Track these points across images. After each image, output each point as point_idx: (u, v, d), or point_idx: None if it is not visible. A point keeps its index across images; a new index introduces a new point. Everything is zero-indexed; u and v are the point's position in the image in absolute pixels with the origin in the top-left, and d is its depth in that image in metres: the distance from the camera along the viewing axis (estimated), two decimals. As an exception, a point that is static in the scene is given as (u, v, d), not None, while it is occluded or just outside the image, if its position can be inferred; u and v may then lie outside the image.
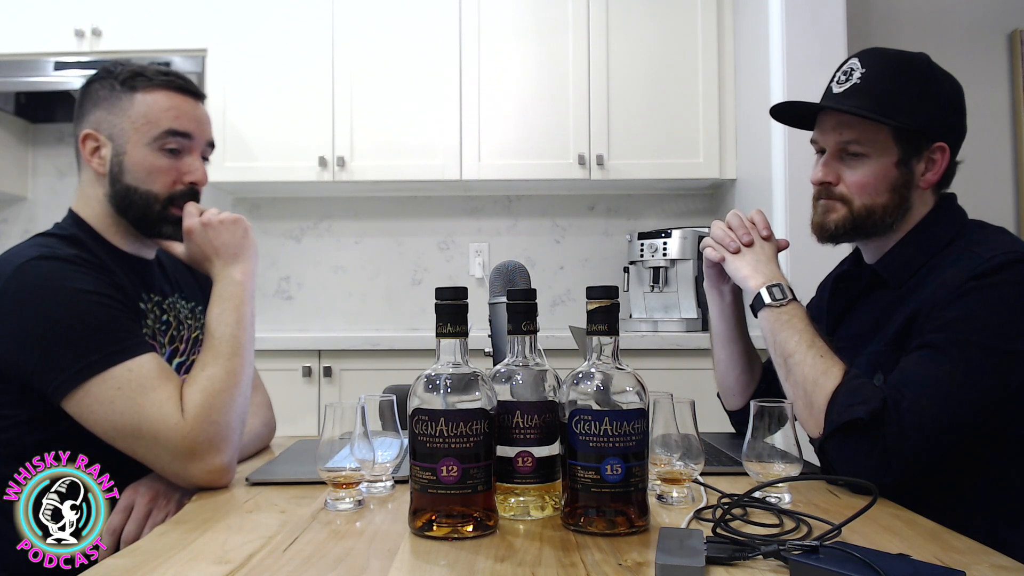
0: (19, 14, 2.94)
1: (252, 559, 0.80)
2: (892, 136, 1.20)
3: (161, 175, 1.25)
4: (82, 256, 1.17)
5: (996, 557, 0.80)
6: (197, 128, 1.28)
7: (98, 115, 1.25)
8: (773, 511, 0.93)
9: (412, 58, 2.96)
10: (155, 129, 1.23)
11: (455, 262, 3.31)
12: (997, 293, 1.08)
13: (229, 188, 3.18)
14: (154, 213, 1.26)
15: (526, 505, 0.93)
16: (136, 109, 1.23)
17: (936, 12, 3.03)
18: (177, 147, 1.25)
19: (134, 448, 1.08)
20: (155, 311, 1.31)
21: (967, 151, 1.26)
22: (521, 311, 0.94)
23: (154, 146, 1.24)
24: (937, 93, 1.22)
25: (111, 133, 1.24)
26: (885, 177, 1.21)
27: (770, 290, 1.20)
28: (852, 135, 1.21)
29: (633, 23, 2.96)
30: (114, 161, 1.24)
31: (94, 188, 1.26)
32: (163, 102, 1.24)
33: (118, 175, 1.24)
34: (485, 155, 2.95)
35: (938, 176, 1.22)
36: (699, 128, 2.95)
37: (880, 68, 1.21)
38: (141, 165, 1.23)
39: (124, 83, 1.24)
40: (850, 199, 1.22)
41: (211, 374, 1.12)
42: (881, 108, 1.18)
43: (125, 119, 1.23)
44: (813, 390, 1.11)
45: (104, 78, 1.26)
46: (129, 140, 1.23)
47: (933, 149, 1.21)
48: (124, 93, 1.24)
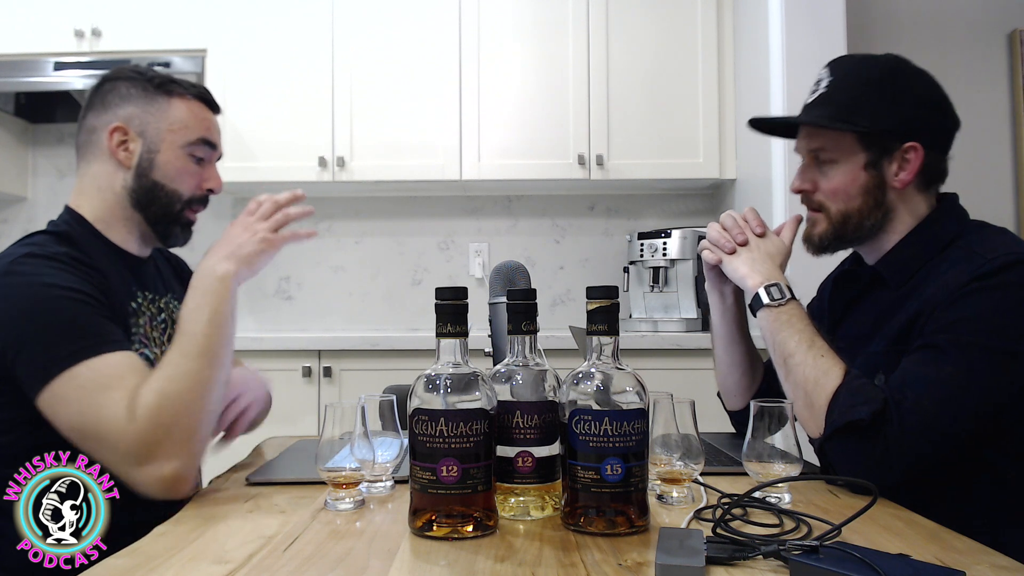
0: (19, 14, 2.94)
1: (252, 559, 0.80)
2: (857, 140, 1.22)
3: (188, 178, 1.31)
4: (70, 253, 1.17)
5: (996, 557, 0.80)
6: (219, 140, 1.37)
7: (129, 111, 1.28)
8: (773, 511, 0.93)
9: (412, 58, 2.96)
10: (191, 135, 1.30)
11: (455, 262, 3.31)
12: (999, 294, 1.08)
13: (229, 188, 3.17)
14: (173, 212, 1.31)
15: (526, 505, 0.93)
16: (174, 113, 1.29)
17: (936, 12, 3.03)
18: (203, 156, 1.33)
19: (90, 450, 1.02)
20: (151, 309, 1.31)
21: (967, 151, 1.26)
22: (521, 311, 0.94)
23: (186, 150, 1.30)
24: (904, 93, 1.22)
25: (143, 130, 1.28)
26: (855, 181, 1.22)
27: (768, 289, 1.20)
28: (819, 143, 1.25)
29: (633, 23, 2.96)
30: (144, 157, 1.28)
31: (109, 180, 1.28)
32: (198, 112, 1.32)
33: (147, 170, 1.28)
34: (485, 155, 2.95)
35: (911, 175, 1.21)
36: (699, 128, 2.95)
37: (844, 75, 1.24)
38: (173, 165, 1.29)
39: (160, 87, 1.30)
40: (827, 206, 1.25)
41: (170, 374, 1.07)
42: (842, 114, 1.21)
43: (162, 120, 1.28)
44: (814, 390, 1.11)
45: (133, 78, 1.30)
46: (164, 140, 1.28)
47: (905, 149, 1.21)
48: (160, 96, 1.29)
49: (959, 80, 3.04)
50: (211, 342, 1.11)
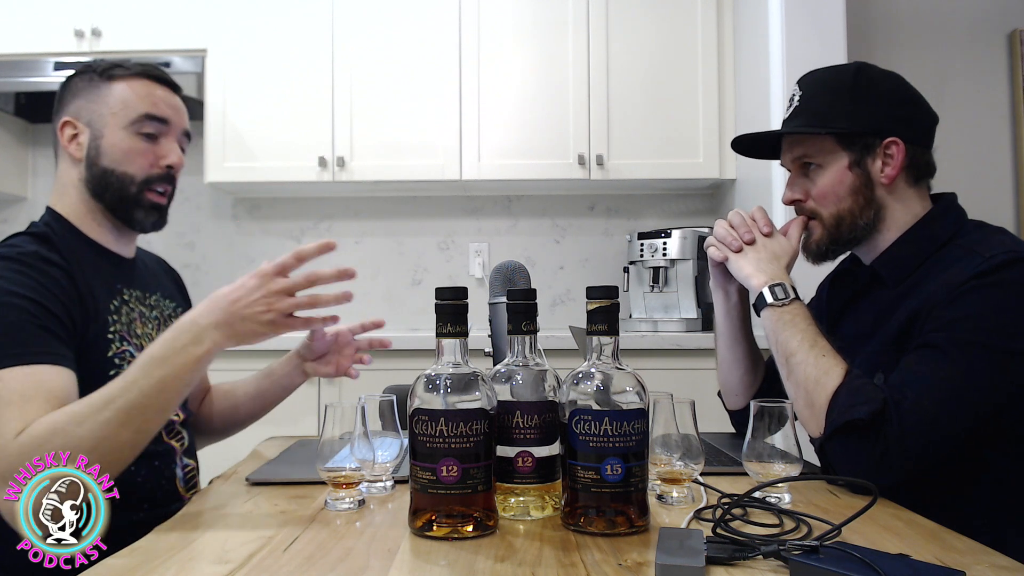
0: (19, 14, 2.94)
1: (252, 559, 0.80)
2: (837, 143, 1.24)
3: (137, 157, 1.27)
4: (40, 253, 1.16)
5: (996, 557, 0.80)
6: (174, 114, 1.31)
7: (77, 104, 1.28)
8: (773, 511, 0.93)
9: (412, 58, 2.96)
10: (132, 113, 1.26)
11: (455, 262, 3.31)
12: (998, 292, 1.08)
13: (229, 188, 3.18)
14: (130, 195, 1.27)
15: (526, 505, 0.93)
16: (114, 96, 1.27)
17: (936, 12, 3.03)
18: (154, 132, 1.28)
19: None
20: (139, 306, 1.30)
21: (967, 151, 1.26)
22: (521, 311, 0.94)
23: (131, 129, 1.26)
24: (875, 93, 1.24)
25: (89, 119, 1.27)
26: (842, 182, 1.24)
27: (772, 289, 1.21)
28: (801, 150, 1.28)
29: (633, 23, 2.96)
30: (91, 145, 1.26)
31: (70, 175, 1.28)
32: (140, 89, 1.28)
33: (95, 158, 1.26)
34: (485, 155, 2.95)
35: (896, 170, 1.23)
36: (699, 128, 2.95)
37: (814, 86, 1.28)
38: (118, 147, 1.26)
39: (102, 73, 1.28)
40: (819, 212, 1.27)
41: (81, 417, 0.99)
42: (819, 121, 1.25)
43: (103, 105, 1.26)
44: (814, 390, 1.11)
45: (83, 72, 1.29)
46: (107, 124, 1.26)
47: (886, 145, 1.23)
48: (103, 82, 1.28)
49: (959, 80, 3.06)
50: (148, 404, 1.00)
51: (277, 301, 1.04)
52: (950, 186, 1.28)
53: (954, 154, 1.24)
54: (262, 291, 1.04)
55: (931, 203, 1.27)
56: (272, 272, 1.05)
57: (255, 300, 1.03)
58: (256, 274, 1.05)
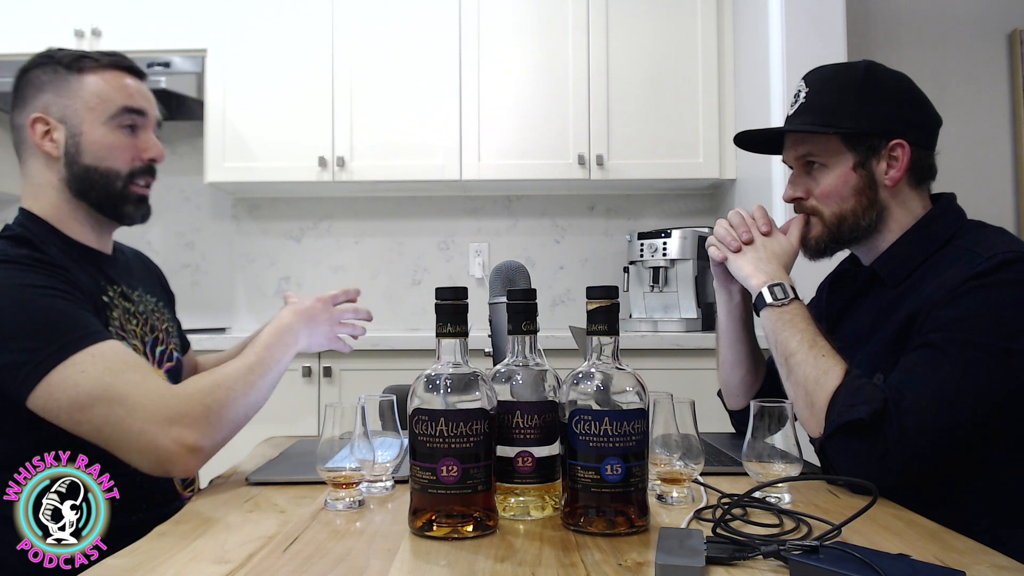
0: (19, 14, 2.94)
1: (252, 559, 0.80)
2: (843, 143, 1.23)
3: (121, 152, 1.25)
4: (32, 255, 1.15)
5: (996, 557, 0.80)
6: (148, 105, 1.29)
7: (45, 99, 1.24)
8: (773, 511, 0.93)
9: (412, 58, 2.96)
10: (111, 107, 1.24)
11: (455, 262, 3.31)
12: (997, 292, 1.08)
13: (229, 188, 3.18)
14: (116, 191, 1.26)
15: (526, 505, 0.93)
16: (87, 89, 1.23)
17: (936, 12, 3.03)
18: (133, 124, 1.26)
19: (102, 414, 1.03)
20: (123, 303, 1.28)
21: (967, 151, 1.27)
22: (521, 311, 0.94)
23: (111, 124, 1.24)
24: (883, 94, 1.24)
25: (62, 115, 1.23)
26: (846, 182, 1.24)
27: (772, 289, 1.21)
28: (806, 149, 1.27)
29: (633, 23, 2.96)
30: (70, 143, 1.23)
31: (46, 175, 1.25)
32: (113, 81, 1.25)
33: (75, 156, 1.23)
34: (485, 155, 2.95)
35: (901, 173, 1.23)
36: (699, 128, 2.95)
37: (821, 84, 1.27)
38: (100, 144, 1.24)
39: (69, 66, 1.24)
40: (820, 210, 1.27)
41: (229, 371, 1.15)
42: (824, 119, 1.23)
43: (76, 100, 1.23)
44: (814, 390, 1.11)
45: (44, 64, 1.25)
46: (84, 120, 1.23)
47: (891, 147, 1.22)
48: (71, 75, 1.24)
49: (959, 80, 3.06)
50: (275, 380, 1.22)
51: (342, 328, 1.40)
52: (950, 186, 1.28)
53: (954, 154, 1.24)
54: (337, 318, 1.39)
55: (931, 203, 1.27)
56: (338, 298, 1.40)
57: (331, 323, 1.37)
58: (335, 305, 1.39)
